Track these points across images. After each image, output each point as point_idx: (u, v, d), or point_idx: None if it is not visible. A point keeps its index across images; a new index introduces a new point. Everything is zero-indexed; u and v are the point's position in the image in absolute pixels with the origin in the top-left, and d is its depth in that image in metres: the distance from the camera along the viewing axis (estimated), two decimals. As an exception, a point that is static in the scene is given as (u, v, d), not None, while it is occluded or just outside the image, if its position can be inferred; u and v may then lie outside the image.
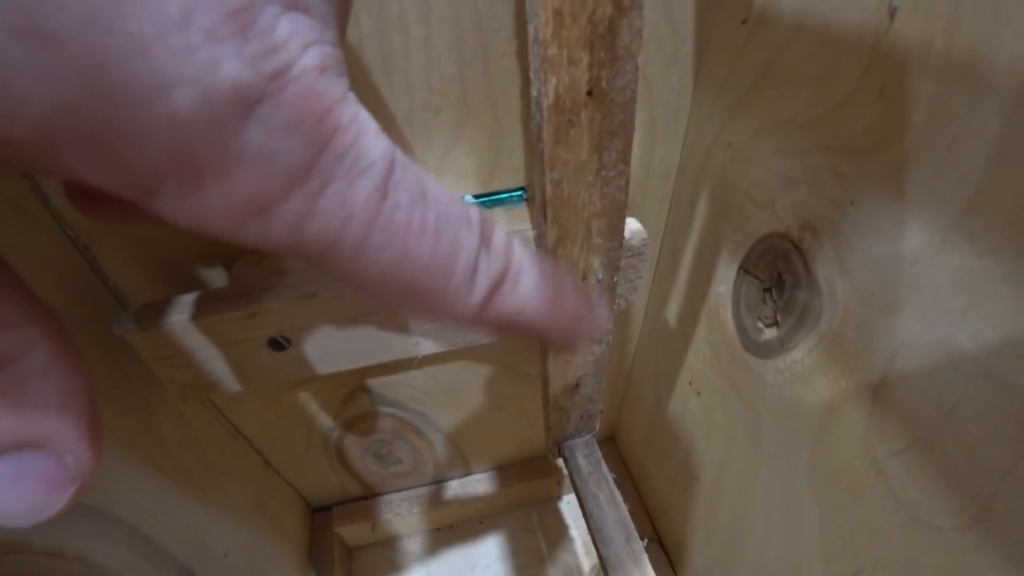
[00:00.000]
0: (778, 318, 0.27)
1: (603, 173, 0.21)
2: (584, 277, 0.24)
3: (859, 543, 0.24)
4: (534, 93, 0.20)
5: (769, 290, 0.27)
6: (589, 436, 0.34)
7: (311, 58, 0.11)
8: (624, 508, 0.31)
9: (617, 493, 0.32)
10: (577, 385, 0.30)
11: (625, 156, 0.21)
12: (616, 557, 0.29)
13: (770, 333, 0.27)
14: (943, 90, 0.17)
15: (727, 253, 0.30)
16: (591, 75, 0.19)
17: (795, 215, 0.24)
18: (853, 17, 0.20)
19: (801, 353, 0.25)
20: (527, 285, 0.16)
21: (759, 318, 0.28)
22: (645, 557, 0.29)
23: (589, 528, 0.31)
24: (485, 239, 0.15)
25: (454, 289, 0.15)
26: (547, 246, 0.23)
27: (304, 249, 0.13)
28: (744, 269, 0.29)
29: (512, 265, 0.16)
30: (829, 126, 0.22)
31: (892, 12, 0.18)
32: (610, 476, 0.32)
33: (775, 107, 0.24)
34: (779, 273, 0.26)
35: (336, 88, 0.12)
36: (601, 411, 0.33)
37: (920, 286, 0.19)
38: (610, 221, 0.23)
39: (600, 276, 0.25)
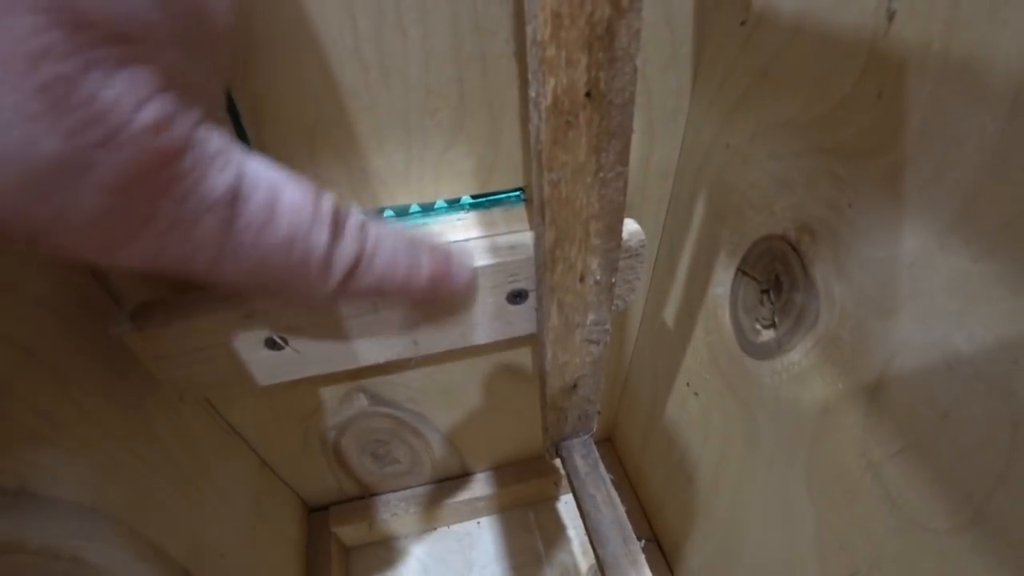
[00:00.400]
0: (775, 320, 0.27)
1: (601, 174, 0.21)
2: (582, 278, 0.24)
3: (855, 545, 0.24)
4: (532, 94, 0.20)
5: (767, 292, 0.27)
6: (587, 436, 0.34)
7: (147, 115, 0.12)
8: (621, 508, 0.31)
9: (614, 493, 0.32)
10: (575, 386, 0.30)
11: (623, 157, 0.21)
12: (613, 558, 0.29)
13: (767, 335, 0.27)
14: (940, 93, 0.17)
15: (725, 255, 0.30)
16: (589, 76, 0.19)
17: (793, 217, 0.24)
18: (851, 19, 0.20)
19: (798, 355, 0.25)
20: (382, 262, 0.18)
21: (756, 319, 0.28)
22: (642, 558, 0.29)
23: (586, 528, 0.31)
24: (337, 231, 0.17)
25: (311, 281, 0.17)
26: (545, 247, 0.23)
27: (164, 269, 0.14)
28: (742, 271, 0.29)
29: (366, 247, 0.18)
30: (826, 128, 0.22)
31: (890, 15, 0.18)
32: (607, 477, 0.32)
33: (773, 109, 0.24)
34: (777, 275, 0.26)
35: (175, 138, 0.12)
36: (599, 412, 0.33)
37: (917, 289, 0.19)
38: (608, 222, 0.23)
39: (598, 277, 0.25)
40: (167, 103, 0.12)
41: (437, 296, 0.21)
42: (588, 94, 0.19)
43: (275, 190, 0.15)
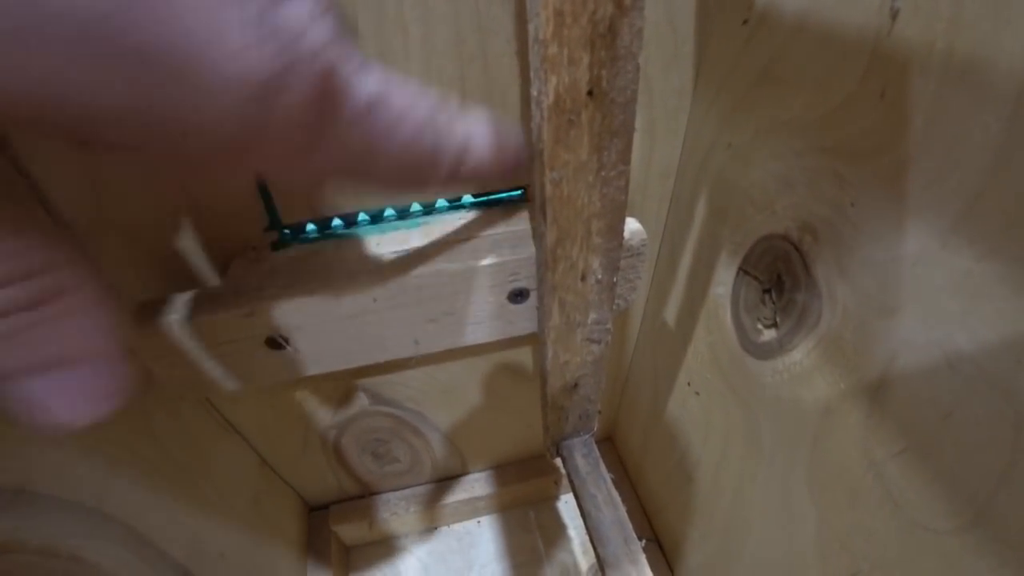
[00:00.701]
0: (777, 319, 0.27)
1: (603, 173, 0.21)
2: (583, 277, 0.24)
3: (856, 545, 0.24)
4: (534, 93, 0.20)
5: (768, 291, 0.27)
6: (587, 436, 0.34)
7: (321, 31, 0.13)
8: (622, 508, 0.31)
9: (615, 493, 0.32)
10: (576, 385, 0.30)
11: (625, 156, 0.21)
12: (614, 557, 0.29)
13: (769, 334, 0.27)
14: (944, 92, 0.17)
15: (726, 254, 0.30)
16: (591, 75, 0.19)
17: (794, 217, 0.24)
18: (855, 19, 0.19)
19: (800, 354, 0.25)
20: (479, 149, 0.20)
21: (758, 319, 0.28)
22: (643, 557, 0.29)
23: (587, 528, 0.31)
24: (445, 122, 0.19)
25: (430, 171, 0.19)
26: (546, 246, 0.23)
27: (327, 177, 0.17)
28: (743, 270, 0.29)
29: (463, 139, 0.20)
30: (829, 128, 0.22)
31: (894, 14, 0.18)
32: (608, 476, 0.32)
33: (775, 108, 0.24)
34: (778, 274, 0.26)
35: (340, 49, 0.14)
36: (599, 411, 0.33)
37: (919, 288, 0.19)
38: (610, 221, 0.23)
39: (599, 276, 0.24)
40: (329, 22, 0.14)
41: (516, 172, 0.23)
42: (590, 92, 0.19)
43: (400, 92, 0.17)
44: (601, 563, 0.29)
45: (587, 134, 0.20)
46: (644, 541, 0.30)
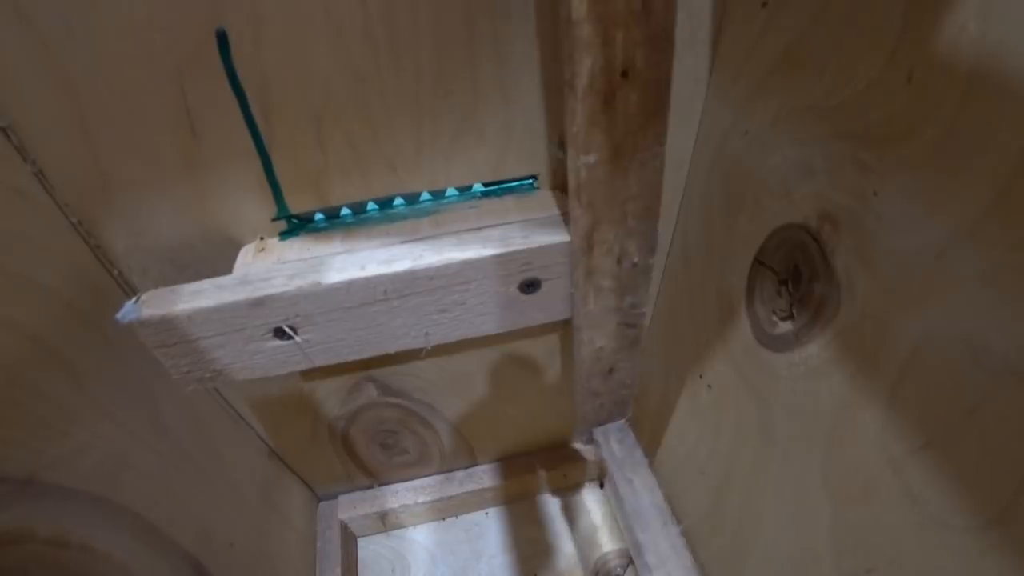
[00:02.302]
0: (793, 311, 0.26)
1: (639, 155, 0.21)
2: (619, 261, 0.24)
3: (872, 541, 0.24)
4: (567, 76, 0.19)
5: (785, 282, 0.26)
6: (622, 422, 0.34)
7: None
8: (659, 492, 0.30)
9: (652, 478, 0.31)
10: (611, 370, 0.30)
11: (661, 136, 0.21)
12: (652, 542, 0.29)
13: (785, 327, 0.27)
14: (976, 74, 0.16)
15: (741, 244, 0.29)
16: (626, 55, 0.18)
17: (814, 205, 0.24)
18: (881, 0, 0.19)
19: (817, 347, 0.25)
20: None
21: (774, 311, 0.27)
22: (682, 542, 0.29)
23: (622, 513, 0.30)
24: None
25: None
26: (581, 231, 0.22)
27: None
28: (759, 261, 0.28)
29: None
30: (852, 113, 0.21)
31: (924, -6, 0.17)
32: (645, 460, 0.32)
33: (795, 94, 0.24)
34: (795, 265, 0.25)
35: None
36: (635, 395, 0.32)
37: (946, 279, 0.18)
38: (647, 203, 0.22)
39: (636, 259, 0.24)
40: None
41: None
42: (624, 73, 0.19)
43: None
44: (639, 548, 0.29)
45: (622, 115, 0.20)
46: (683, 526, 0.30)
